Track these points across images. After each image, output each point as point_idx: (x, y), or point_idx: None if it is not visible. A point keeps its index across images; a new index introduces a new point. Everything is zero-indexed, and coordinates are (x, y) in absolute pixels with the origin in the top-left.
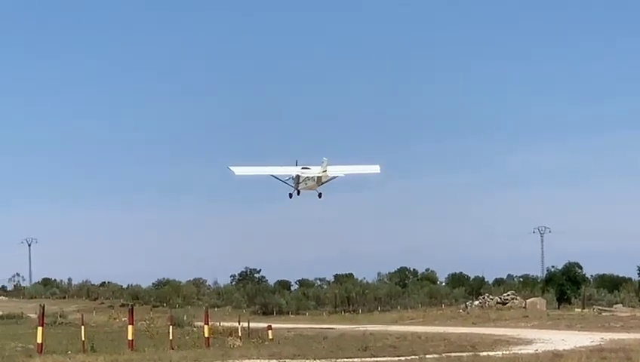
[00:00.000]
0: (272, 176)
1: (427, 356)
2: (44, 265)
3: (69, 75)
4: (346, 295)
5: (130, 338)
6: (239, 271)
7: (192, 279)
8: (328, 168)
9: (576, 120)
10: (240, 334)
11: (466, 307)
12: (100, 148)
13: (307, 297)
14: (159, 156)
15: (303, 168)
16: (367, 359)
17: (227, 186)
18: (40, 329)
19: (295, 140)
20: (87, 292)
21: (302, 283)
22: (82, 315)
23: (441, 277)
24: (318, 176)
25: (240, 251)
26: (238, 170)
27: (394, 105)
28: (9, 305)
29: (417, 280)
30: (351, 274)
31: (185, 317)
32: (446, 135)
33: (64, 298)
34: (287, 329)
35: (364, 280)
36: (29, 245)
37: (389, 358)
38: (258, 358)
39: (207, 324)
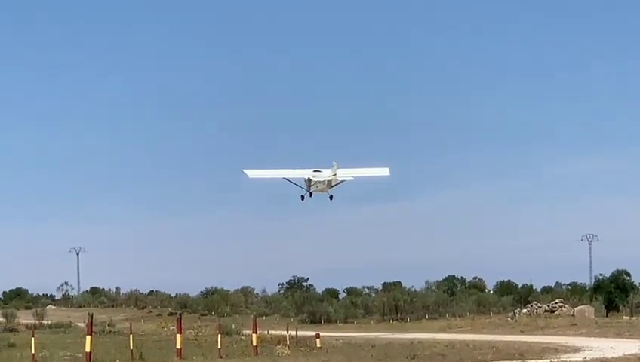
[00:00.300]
0: (284, 178)
1: None
2: (92, 274)
3: (109, 89)
4: (394, 303)
5: (178, 346)
6: (287, 280)
7: (240, 288)
8: (338, 171)
9: (624, 128)
10: (288, 342)
11: (514, 315)
12: (146, 159)
13: (355, 305)
14: (206, 165)
15: (314, 171)
16: None
17: (275, 194)
18: (88, 338)
19: (325, 145)
20: (136, 301)
21: (350, 291)
22: (130, 324)
23: (490, 285)
24: (328, 180)
25: (288, 259)
26: (252, 173)
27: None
28: (57, 313)
29: (465, 288)
30: (399, 283)
31: (233, 326)
32: (495, 144)
33: (112, 307)
34: (335, 337)
35: (413, 289)
36: (78, 254)
37: None
38: None
39: (256, 333)
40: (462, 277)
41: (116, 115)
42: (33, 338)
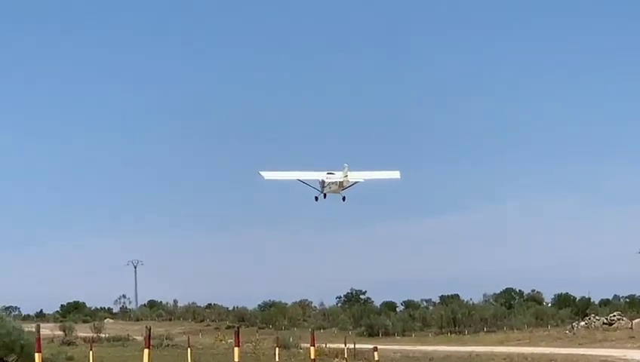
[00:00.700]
0: (299, 180)
1: None
2: (150, 287)
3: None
4: (452, 316)
5: (236, 360)
6: (345, 293)
7: (298, 301)
8: (349, 173)
9: None
10: (346, 356)
11: (572, 328)
12: (205, 173)
13: (413, 318)
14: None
15: (328, 173)
16: None
17: (333, 208)
18: (146, 351)
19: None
20: (193, 314)
21: (408, 304)
22: (188, 337)
23: (548, 298)
24: (340, 181)
25: (346, 272)
26: (267, 175)
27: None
28: (115, 327)
29: (523, 301)
30: (457, 295)
31: (291, 339)
32: (552, 156)
33: (170, 320)
34: (393, 350)
35: (470, 301)
36: (135, 267)
37: None
38: None
39: (314, 346)
40: (520, 290)
41: (172, 130)
42: (91, 352)
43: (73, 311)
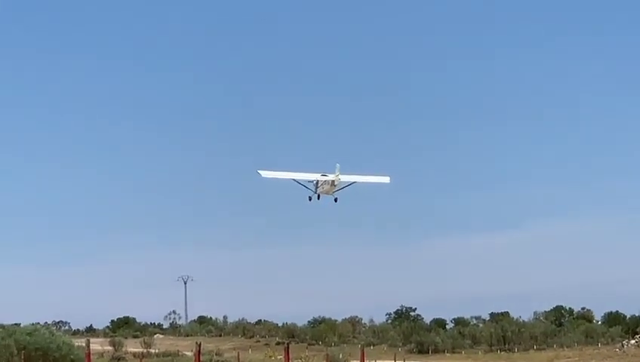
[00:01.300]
0: (293, 180)
1: None
2: (200, 302)
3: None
4: (502, 333)
5: None
6: (395, 309)
7: (347, 317)
8: (341, 176)
9: None
10: None
11: (623, 346)
12: (254, 189)
13: (463, 336)
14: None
15: (322, 175)
16: None
17: (383, 225)
18: None
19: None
20: (243, 330)
21: (457, 321)
22: (238, 353)
23: (598, 316)
24: (331, 180)
25: (396, 289)
26: (265, 173)
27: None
28: (165, 342)
29: (573, 318)
30: (507, 313)
31: (341, 356)
32: (602, 175)
33: (220, 336)
34: None
35: (520, 319)
36: (185, 283)
37: None
38: None
39: None
40: (570, 308)
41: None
42: None
43: (123, 326)
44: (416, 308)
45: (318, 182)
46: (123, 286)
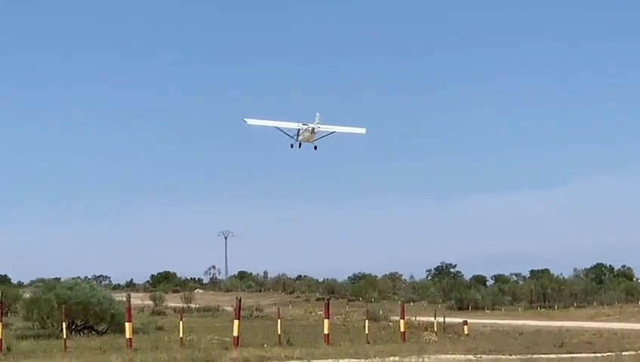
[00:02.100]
0: (276, 128)
1: (623, 353)
2: (240, 258)
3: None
4: (542, 291)
5: (326, 332)
6: (435, 266)
7: (388, 273)
8: (320, 125)
9: None
10: (435, 329)
11: None
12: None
13: (503, 292)
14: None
15: (303, 124)
16: (564, 355)
17: (424, 182)
18: (236, 322)
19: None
20: (283, 285)
21: (498, 278)
22: (278, 308)
23: (638, 274)
24: (312, 128)
25: (436, 246)
26: (251, 121)
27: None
28: (205, 297)
29: (614, 276)
30: (547, 270)
31: (381, 312)
32: None
33: (260, 291)
34: (482, 324)
35: (561, 276)
36: (226, 238)
37: (585, 355)
38: (454, 353)
39: (403, 319)
40: (610, 266)
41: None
42: (181, 322)
43: (163, 281)
44: (456, 265)
45: (299, 130)
46: (163, 241)
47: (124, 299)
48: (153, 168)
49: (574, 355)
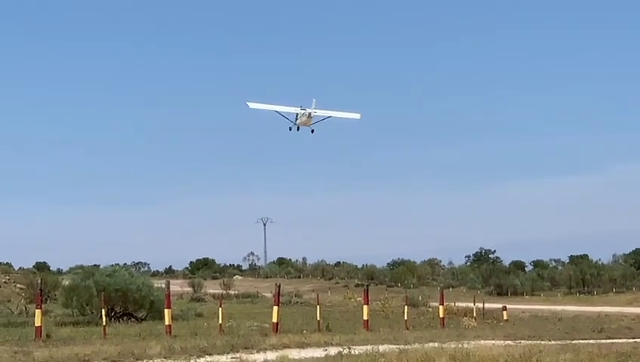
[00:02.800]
0: (276, 112)
1: None
2: (279, 244)
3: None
4: (581, 276)
5: (365, 318)
6: (474, 252)
7: (426, 259)
8: (317, 110)
9: None
10: (475, 315)
11: None
12: (331, 132)
13: (542, 278)
14: (391, 138)
15: (301, 108)
16: (603, 340)
17: (461, 166)
18: (275, 308)
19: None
20: (322, 271)
21: (537, 263)
22: (317, 295)
23: None
24: (309, 113)
25: (475, 231)
26: (253, 105)
27: None
28: (244, 284)
29: None
30: (586, 255)
31: (420, 298)
32: None
33: (299, 277)
34: (521, 310)
35: (600, 262)
36: (264, 225)
37: (624, 340)
38: (493, 339)
39: (442, 305)
40: None
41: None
42: (220, 308)
43: (202, 267)
44: (495, 251)
45: (297, 114)
46: (202, 227)
47: (163, 285)
48: (192, 156)
49: (613, 340)
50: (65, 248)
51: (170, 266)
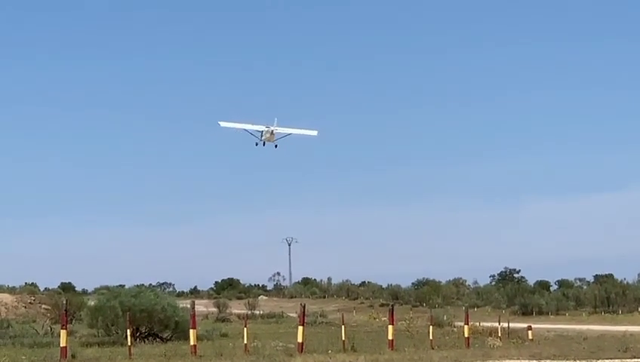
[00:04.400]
0: (244, 130)
1: None
2: (303, 264)
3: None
4: (606, 295)
5: (390, 337)
6: (499, 271)
7: (451, 279)
8: (278, 128)
9: None
10: (500, 334)
11: None
12: (358, 149)
13: (567, 297)
14: (418, 155)
15: (266, 126)
16: (628, 360)
17: (487, 185)
18: (300, 328)
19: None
20: (347, 291)
21: (561, 283)
22: (342, 315)
23: None
24: (272, 130)
25: (500, 251)
26: (224, 124)
27: None
28: (269, 304)
29: None
30: (611, 275)
31: (445, 317)
32: None
33: (324, 297)
34: (546, 329)
35: (625, 281)
36: (289, 245)
37: None
38: (518, 358)
39: (467, 324)
40: None
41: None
42: (245, 328)
43: (227, 287)
44: (520, 270)
45: (262, 132)
46: (227, 248)
47: (189, 306)
48: (216, 176)
49: (639, 360)
50: (90, 269)
51: (195, 286)
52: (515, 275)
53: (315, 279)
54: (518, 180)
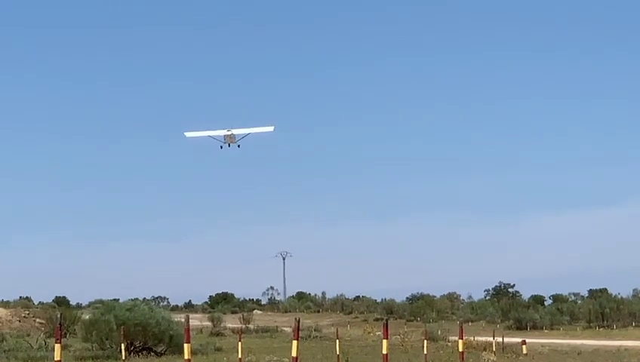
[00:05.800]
0: (209, 136)
1: None
2: (298, 279)
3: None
4: (601, 310)
5: (384, 352)
6: (493, 286)
7: (446, 293)
8: (233, 130)
9: None
10: (494, 349)
11: None
12: (354, 160)
13: (561, 312)
14: (410, 172)
15: (227, 130)
16: None
17: (481, 200)
18: (295, 342)
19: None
20: (342, 306)
21: (556, 298)
22: (337, 329)
23: None
24: (230, 133)
25: (494, 266)
26: (189, 134)
27: None
28: (263, 318)
29: None
30: (605, 290)
31: (439, 332)
32: None
33: (318, 312)
34: (541, 344)
35: (619, 296)
36: (284, 259)
37: None
38: None
39: (462, 339)
40: None
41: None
42: (240, 343)
43: (222, 301)
44: (514, 285)
45: (225, 135)
46: (221, 262)
47: (183, 320)
48: (211, 190)
49: None
50: (84, 283)
51: (190, 301)
52: (510, 290)
53: (309, 293)
54: (513, 195)
